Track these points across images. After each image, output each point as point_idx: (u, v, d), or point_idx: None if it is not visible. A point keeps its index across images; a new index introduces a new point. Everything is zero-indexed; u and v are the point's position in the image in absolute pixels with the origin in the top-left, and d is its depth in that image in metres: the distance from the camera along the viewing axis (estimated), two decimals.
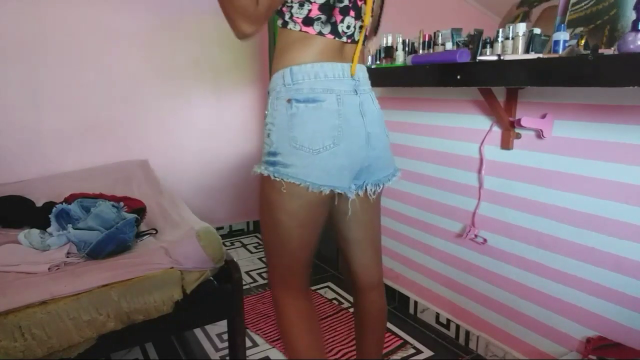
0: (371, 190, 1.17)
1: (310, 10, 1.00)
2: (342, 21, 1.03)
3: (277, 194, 1.04)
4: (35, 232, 1.67)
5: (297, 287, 1.16)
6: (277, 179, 1.02)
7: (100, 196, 1.92)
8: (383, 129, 1.16)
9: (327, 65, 1.02)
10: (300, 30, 1.01)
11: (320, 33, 1.02)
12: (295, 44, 1.02)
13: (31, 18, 2.26)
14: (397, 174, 1.23)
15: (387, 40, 1.90)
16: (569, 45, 1.27)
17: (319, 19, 1.00)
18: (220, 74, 2.95)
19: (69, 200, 1.85)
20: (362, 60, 1.13)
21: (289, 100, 1.01)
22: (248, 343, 1.89)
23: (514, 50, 1.41)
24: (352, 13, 1.04)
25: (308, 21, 1.00)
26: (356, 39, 1.08)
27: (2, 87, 2.25)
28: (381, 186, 1.19)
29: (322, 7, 1.00)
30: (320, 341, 1.20)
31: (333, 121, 1.02)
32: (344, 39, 1.05)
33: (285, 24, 1.02)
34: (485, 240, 1.75)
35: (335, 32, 1.02)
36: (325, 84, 1.02)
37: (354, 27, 1.06)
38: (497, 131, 1.66)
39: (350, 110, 1.04)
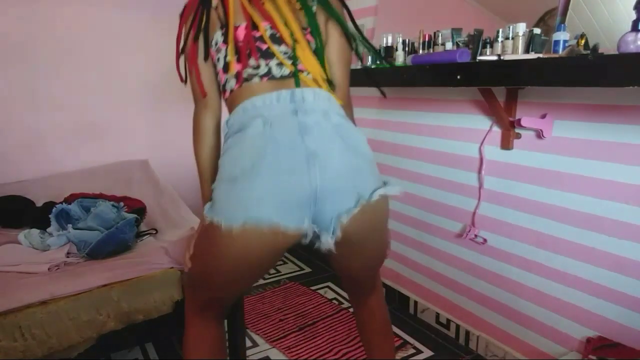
0: (332, 226, 0.93)
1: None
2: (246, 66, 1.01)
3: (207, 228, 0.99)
4: (35, 232, 1.67)
5: (211, 316, 1.14)
6: (206, 217, 0.97)
7: (100, 196, 1.92)
8: (345, 147, 0.94)
9: (256, 98, 0.96)
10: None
11: (231, 91, 1.03)
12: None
13: (31, 18, 2.26)
14: (375, 196, 0.95)
15: (387, 40, 1.90)
16: (569, 45, 1.26)
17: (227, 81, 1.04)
18: None
19: (69, 200, 1.85)
20: (324, 85, 1.01)
21: (225, 140, 1.00)
22: (248, 343, 1.89)
23: (514, 50, 1.41)
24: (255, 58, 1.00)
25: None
26: (285, 74, 0.99)
27: (2, 86, 2.25)
28: (345, 219, 0.92)
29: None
30: None
31: (256, 142, 0.90)
32: (256, 80, 0.99)
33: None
34: (485, 240, 1.75)
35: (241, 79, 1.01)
36: (253, 112, 0.95)
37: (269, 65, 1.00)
38: (497, 131, 1.66)
39: (281, 130, 0.91)
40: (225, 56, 1.02)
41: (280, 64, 1.00)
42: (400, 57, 1.85)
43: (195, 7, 1.07)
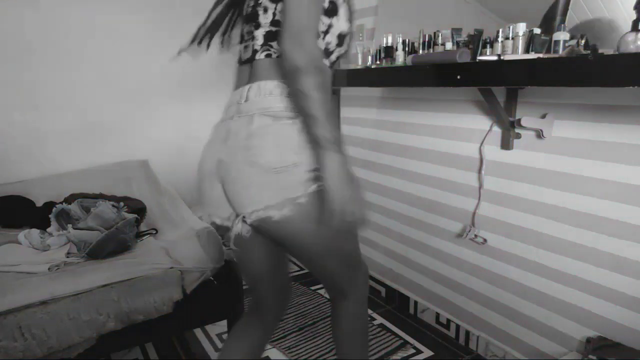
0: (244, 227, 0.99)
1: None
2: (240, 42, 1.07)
3: None
4: (35, 232, 1.67)
5: (250, 305, 1.23)
6: None
7: (100, 196, 1.92)
8: (244, 160, 0.93)
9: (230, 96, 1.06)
10: None
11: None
12: None
13: (30, 18, 2.26)
14: (260, 214, 0.94)
15: (387, 40, 1.90)
16: (569, 45, 1.26)
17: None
18: (221, 73, 2.94)
19: (69, 200, 1.85)
20: (268, 75, 0.96)
21: None
22: None
23: (514, 50, 1.40)
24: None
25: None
26: (245, 58, 1.03)
27: (2, 87, 2.25)
28: (243, 224, 0.98)
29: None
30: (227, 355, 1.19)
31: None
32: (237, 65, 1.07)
33: None
34: (485, 240, 1.75)
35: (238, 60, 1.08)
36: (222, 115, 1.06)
37: (244, 47, 1.04)
38: (497, 131, 1.66)
39: (214, 138, 1.03)
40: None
41: (246, 47, 1.03)
42: (400, 57, 1.85)
43: None
